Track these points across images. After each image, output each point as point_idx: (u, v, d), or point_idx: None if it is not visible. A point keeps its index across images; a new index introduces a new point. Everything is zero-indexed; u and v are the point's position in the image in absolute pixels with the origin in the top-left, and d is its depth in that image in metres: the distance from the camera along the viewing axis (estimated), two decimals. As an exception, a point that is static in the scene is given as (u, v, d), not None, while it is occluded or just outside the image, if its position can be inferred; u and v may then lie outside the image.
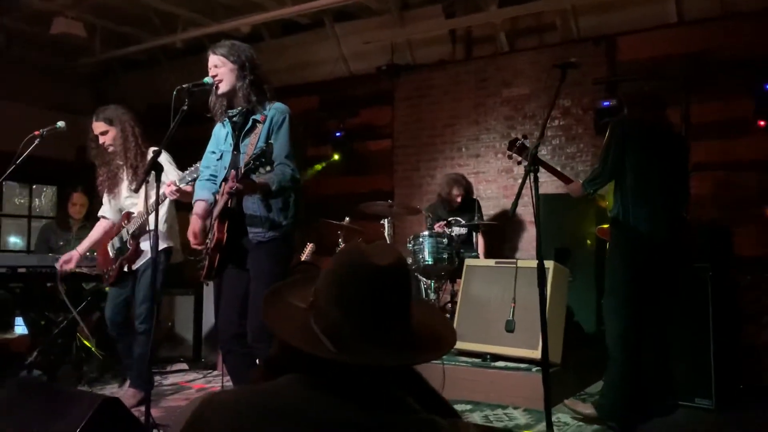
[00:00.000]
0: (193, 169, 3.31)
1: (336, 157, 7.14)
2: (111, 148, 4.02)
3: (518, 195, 2.72)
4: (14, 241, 9.00)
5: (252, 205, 3.05)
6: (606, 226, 3.93)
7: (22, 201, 9.16)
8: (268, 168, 2.74)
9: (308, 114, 7.39)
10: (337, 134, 7.13)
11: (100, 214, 4.27)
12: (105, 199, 4.17)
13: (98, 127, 4.00)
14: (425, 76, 6.88)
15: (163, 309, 5.54)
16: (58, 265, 4.16)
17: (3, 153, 4.07)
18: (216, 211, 3.04)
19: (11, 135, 3.94)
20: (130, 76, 8.17)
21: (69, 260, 4.14)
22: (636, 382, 3.56)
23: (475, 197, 5.85)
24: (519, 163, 3.66)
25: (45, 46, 7.36)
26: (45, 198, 10.10)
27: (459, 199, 5.64)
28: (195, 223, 3.16)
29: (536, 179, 2.74)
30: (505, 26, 6.33)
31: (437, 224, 5.49)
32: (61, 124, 3.83)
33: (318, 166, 7.28)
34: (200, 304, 5.68)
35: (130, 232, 3.95)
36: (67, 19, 6.32)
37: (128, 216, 4.02)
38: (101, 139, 4.01)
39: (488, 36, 6.52)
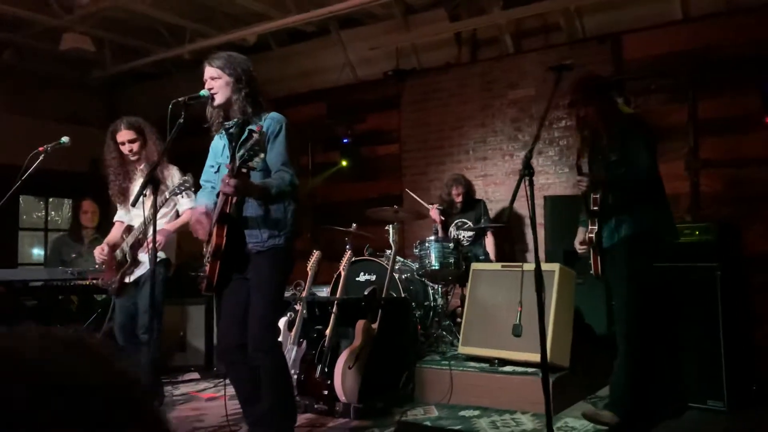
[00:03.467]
0: (180, 182, 3.36)
1: (344, 163, 7.15)
2: (135, 157, 4.03)
3: (513, 198, 2.71)
4: (38, 252, 9.16)
5: (251, 212, 3.06)
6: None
7: (39, 215, 9.30)
8: (262, 155, 2.73)
9: (316, 121, 7.43)
10: (345, 140, 7.15)
11: (115, 219, 4.31)
12: (120, 207, 4.22)
13: (128, 134, 3.99)
14: (431, 79, 6.88)
15: (175, 318, 5.58)
16: (97, 256, 4.07)
17: (17, 167, 4.04)
18: (215, 216, 3.04)
19: (24, 149, 3.94)
20: (142, 88, 8.26)
21: (102, 250, 4.09)
22: (643, 377, 3.48)
23: (479, 198, 5.82)
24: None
25: (56, 61, 7.47)
26: (64, 212, 10.25)
27: (459, 198, 5.63)
28: (198, 214, 3.10)
29: (531, 183, 2.70)
30: (509, 28, 6.31)
31: (431, 207, 5.62)
32: (65, 139, 3.86)
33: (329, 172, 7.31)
34: (211, 313, 5.70)
35: (129, 244, 3.99)
36: (76, 35, 6.42)
37: (129, 229, 4.07)
38: (129, 147, 4.00)
39: (493, 38, 6.50)
